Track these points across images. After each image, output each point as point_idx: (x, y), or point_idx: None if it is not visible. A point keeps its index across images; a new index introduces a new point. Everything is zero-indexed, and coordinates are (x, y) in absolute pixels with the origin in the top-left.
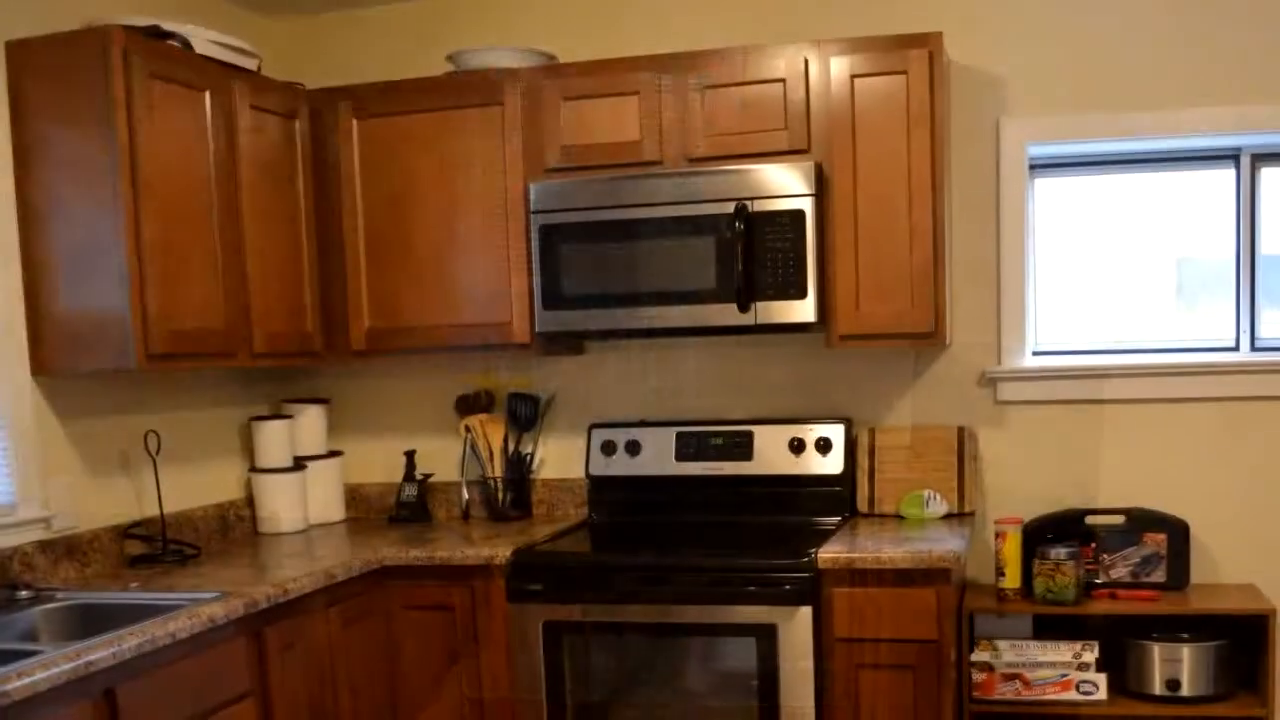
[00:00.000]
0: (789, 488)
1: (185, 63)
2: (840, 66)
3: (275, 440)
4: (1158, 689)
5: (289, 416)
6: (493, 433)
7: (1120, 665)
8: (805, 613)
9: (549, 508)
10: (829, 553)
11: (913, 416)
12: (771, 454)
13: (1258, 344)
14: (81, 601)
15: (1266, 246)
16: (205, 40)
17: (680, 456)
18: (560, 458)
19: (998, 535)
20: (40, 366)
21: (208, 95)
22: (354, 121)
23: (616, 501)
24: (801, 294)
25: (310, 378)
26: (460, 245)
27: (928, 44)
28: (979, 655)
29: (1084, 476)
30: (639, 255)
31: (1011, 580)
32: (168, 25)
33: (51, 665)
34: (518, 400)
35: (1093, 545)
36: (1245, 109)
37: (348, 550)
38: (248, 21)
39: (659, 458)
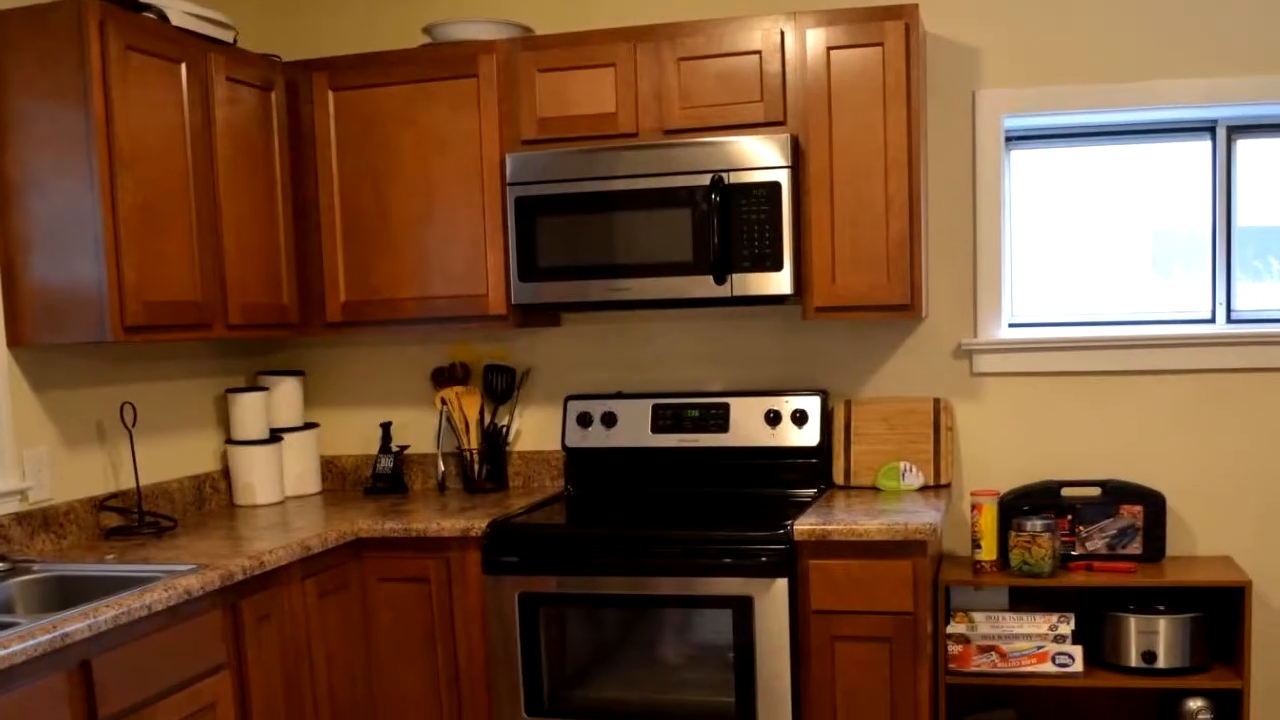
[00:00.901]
0: (765, 460)
1: (161, 35)
2: (816, 38)
3: (251, 412)
4: (1134, 661)
5: (265, 388)
6: (468, 405)
7: (1096, 637)
8: (781, 585)
9: (525, 480)
10: (805, 525)
11: (889, 389)
12: (747, 426)
13: (1233, 316)
14: (57, 573)
15: (1242, 218)
16: (181, 12)
17: (656, 429)
18: (536, 430)
19: (974, 507)
20: (16, 338)
21: (184, 67)
22: (330, 94)
23: (592, 474)
24: (777, 266)
25: (286, 349)
26: (436, 217)
27: (904, 16)
28: (955, 627)
29: (1060, 448)
30: (615, 227)
31: (987, 552)
32: None
33: (28, 637)
34: (494, 372)
35: (1069, 517)
36: (1221, 81)
37: (323, 522)
38: None
39: (635, 430)
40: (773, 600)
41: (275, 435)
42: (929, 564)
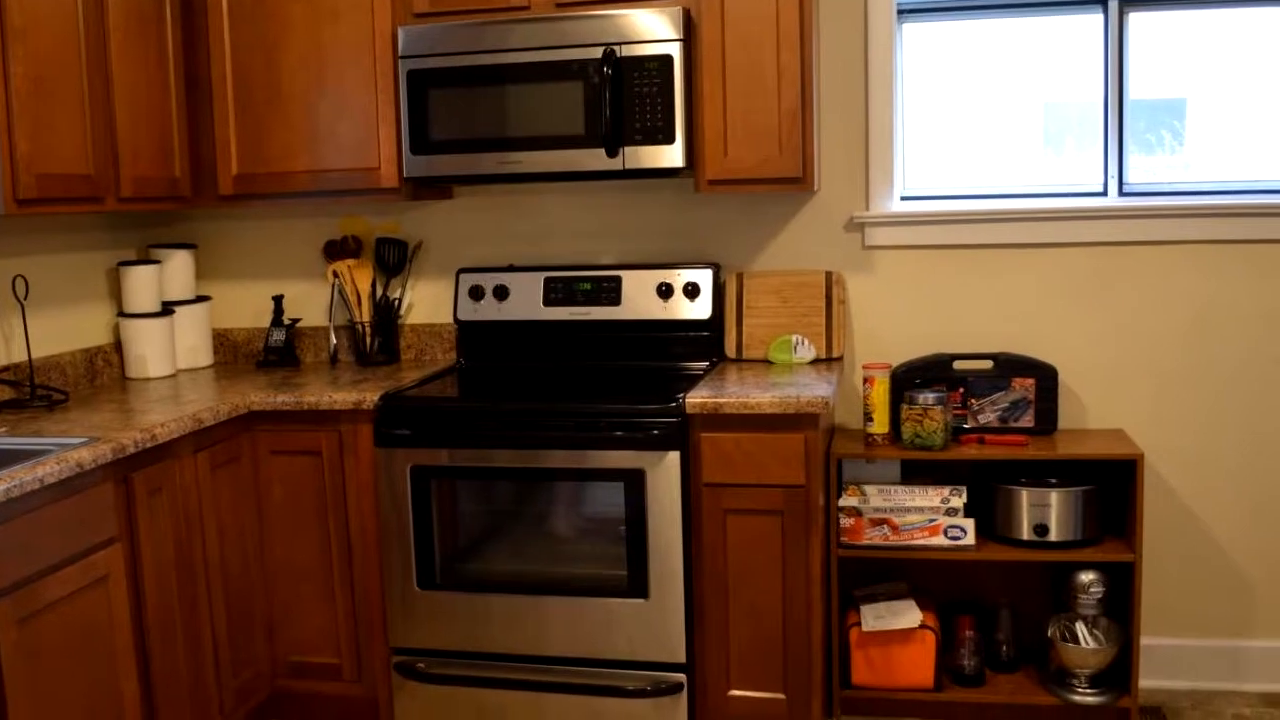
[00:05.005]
0: (657, 333)
1: None
2: None
3: (143, 285)
4: (1025, 534)
5: (156, 262)
6: (360, 278)
7: (988, 510)
8: (673, 458)
9: (417, 353)
10: (696, 398)
11: (781, 262)
12: (639, 299)
13: (1125, 189)
14: None
15: (1134, 91)
16: None
17: (548, 302)
18: (428, 303)
19: (865, 380)
20: None
21: None
22: None
23: (485, 347)
24: (669, 139)
25: (178, 222)
26: (329, 90)
27: None
28: (847, 500)
29: (952, 322)
30: (507, 101)
31: (879, 425)
32: None
33: None
34: (386, 245)
35: (961, 390)
36: None
37: (215, 395)
38: None
39: (527, 303)
40: (664, 473)
41: (167, 308)
42: (821, 437)
